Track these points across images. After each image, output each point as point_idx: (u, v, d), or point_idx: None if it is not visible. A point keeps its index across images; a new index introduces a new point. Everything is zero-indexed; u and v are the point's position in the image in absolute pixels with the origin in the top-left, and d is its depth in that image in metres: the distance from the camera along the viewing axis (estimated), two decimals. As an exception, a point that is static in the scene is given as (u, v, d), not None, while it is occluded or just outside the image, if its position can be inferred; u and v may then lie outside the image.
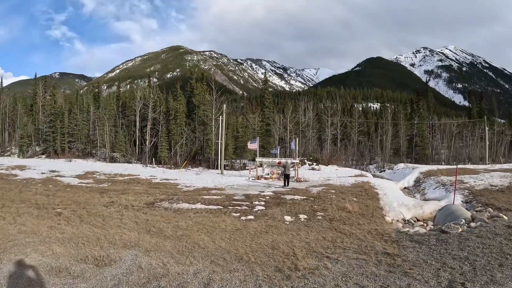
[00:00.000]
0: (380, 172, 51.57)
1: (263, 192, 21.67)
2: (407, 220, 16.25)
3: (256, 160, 33.39)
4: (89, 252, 9.57)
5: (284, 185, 25.52)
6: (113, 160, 55.47)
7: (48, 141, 62.66)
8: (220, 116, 41.05)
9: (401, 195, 22.45)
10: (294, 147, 39.52)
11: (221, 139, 39.54)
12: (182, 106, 57.05)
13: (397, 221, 15.74)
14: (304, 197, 19.35)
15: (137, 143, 56.91)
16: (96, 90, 79.71)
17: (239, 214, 15.18)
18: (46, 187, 24.22)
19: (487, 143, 60.87)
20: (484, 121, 68.45)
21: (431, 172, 35.35)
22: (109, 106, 63.78)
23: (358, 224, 13.54)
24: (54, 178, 30.46)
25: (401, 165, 50.76)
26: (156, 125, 56.41)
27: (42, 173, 34.42)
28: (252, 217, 14.64)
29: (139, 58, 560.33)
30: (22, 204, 17.15)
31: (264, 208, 16.54)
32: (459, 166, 43.82)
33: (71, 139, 62.10)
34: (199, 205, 17.05)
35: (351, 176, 33.55)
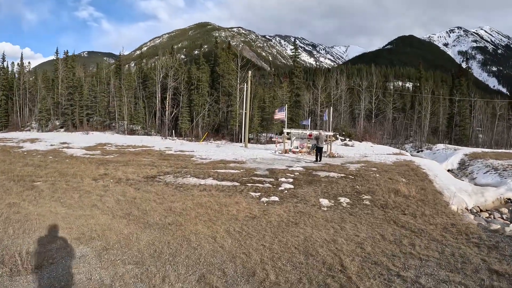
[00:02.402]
0: (418, 152, 47.39)
1: (291, 167, 17.80)
2: (470, 209, 13.15)
3: (284, 131, 29.43)
4: (23, 244, 6.22)
5: (316, 160, 21.65)
6: (132, 132, 52.65)
7: (66, 115, 60.35)
8: (245, 84, 37.14)
9: (453, 178, 19.13)
10: (326, 118, 35.23)
11: (245, 109, 35.63)
12: (205, 75, 53.15)
13: (463, 210, 12.37)
14: (342, 175, 15.47)
15: (157, 115, 53.78)
16: (118, 63, 76.29)
17: (259, 193, 11.46)
18: (44, 158, 21.47)
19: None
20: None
21: (476, 154, 32.17)
22: (129, 76, 60.62)
23: (422, 215, 9.73)
24: (59, 149, 27.78)
25: (441, 145, 47.00)
26: (177, 96, 52.97)
27: (51, 145, 32.09)
28: (276, 198, 10.87)
29: (167, 35, 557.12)
30: (3, 176, 14.42)
31: (292, 186, 12.74)
32: (503, 150, 41.06)
33: (89, 111, 59.45)
34: (209, 181, 13.41)
35: (389, 154, 29.69)
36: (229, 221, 8.20)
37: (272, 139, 41.03)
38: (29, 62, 78.53)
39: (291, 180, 13.90)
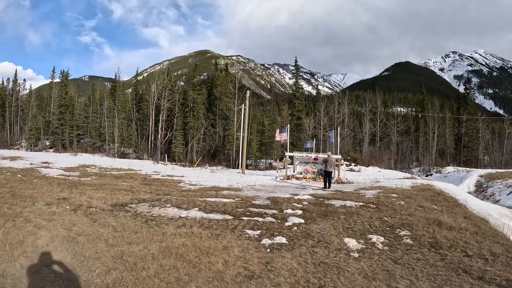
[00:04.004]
0: (427, 176, 44.99)
1: (297, 195, 14.65)
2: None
3: (286, 154, 26.32)
4: None
5: (325, 186, 18.50)
6: (123, 156, 49.60)
7: (56, 134, 57.56)
8: (243, 105, 34.36)
9: (483, 201, 17.08)
10: (333, 141, 32.07)
11: (243, 131, 32.67)
12: (201, 97, 50.35)
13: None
14: (361, 204, 12.43)
15: (150, 138, 50.90)
16: (114, 83, 73.79)
17: (258, 232, 8.30)
18: (10, 176, 18.71)
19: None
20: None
21: (492, 175, 30.79)
22: (123, 97, 58.28)
23: (493, 255, 6.99)
24: (36, 169, 24.98)
25: (450, 168, 45.11)
26: (171, 118, 50.27)
27: (31, 164, 29.15)
28: (283, 239, 7.67)
29: (167, 62, 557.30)
30: None
31: (303, 221, 9.58)
32: None
33: (80, 132, 56.66)
34: (193, 212, 10.26)
35: (401, 179, 26.68)
36: (209, 283, 5.02)
37: (272, 165, 38.04)
38: (24, 80, 77.45)
39: (299, 212, 10.76)
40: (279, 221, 9.51)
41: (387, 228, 9.02)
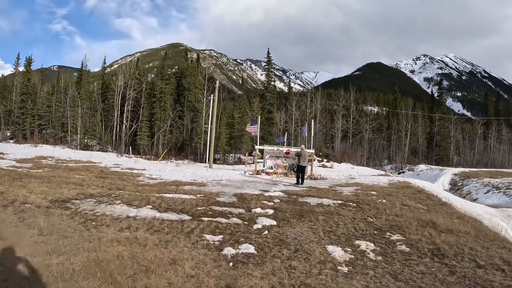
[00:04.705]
0: (399, 173, 45.14)
1: (267, 191, 13.12)
2: (512, 236, 10.61)
3: (256, 148, 24.76)
4: None
5: (297, 182, 17.14)
6: (86, 148, 46.96)
7: (17, 124, 54.18)
8: (212, 96, 32.69)
9: (465, 200, 17.34)
10: (306, 135, 30.71)
11: (211, 123, 31.00)
12: (169, 87, 48.51)
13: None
14: (339, 202, 11.11)
15: (115, 130, 48.46)
16: (80, 73, 70.58)
17: (220, 237, 6.73)
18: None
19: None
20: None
21: (467, 174, 31.28)
22: (88, 85, 55.65)
23: (506, 263, 5.94)
24: (-16, 160, 22.95)
25: (422, 166, 45.96)
26: (137, 108, 47.98)
27: (-17, 155, 27.20)
28: (251, 248, 6.11)
29: (139, 54, 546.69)
30: None
31: (275, 223, 8.10)
32: (487, 169, 40.76)
33: (41, 122, 53.47)
34: (144, 211, 8.63)
35: (376, 176, 25.99)
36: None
37: (242, 159, 36.54)
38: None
39: (270, 211, 9.27)
40: (246, 222, 8.01)
41: (375, 232, 7.76)
